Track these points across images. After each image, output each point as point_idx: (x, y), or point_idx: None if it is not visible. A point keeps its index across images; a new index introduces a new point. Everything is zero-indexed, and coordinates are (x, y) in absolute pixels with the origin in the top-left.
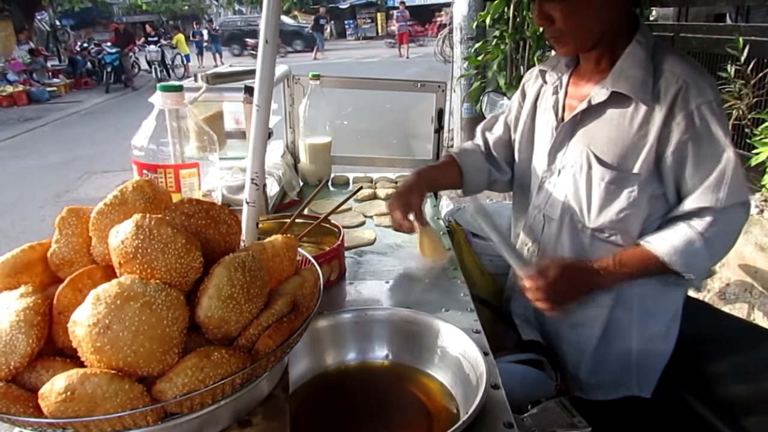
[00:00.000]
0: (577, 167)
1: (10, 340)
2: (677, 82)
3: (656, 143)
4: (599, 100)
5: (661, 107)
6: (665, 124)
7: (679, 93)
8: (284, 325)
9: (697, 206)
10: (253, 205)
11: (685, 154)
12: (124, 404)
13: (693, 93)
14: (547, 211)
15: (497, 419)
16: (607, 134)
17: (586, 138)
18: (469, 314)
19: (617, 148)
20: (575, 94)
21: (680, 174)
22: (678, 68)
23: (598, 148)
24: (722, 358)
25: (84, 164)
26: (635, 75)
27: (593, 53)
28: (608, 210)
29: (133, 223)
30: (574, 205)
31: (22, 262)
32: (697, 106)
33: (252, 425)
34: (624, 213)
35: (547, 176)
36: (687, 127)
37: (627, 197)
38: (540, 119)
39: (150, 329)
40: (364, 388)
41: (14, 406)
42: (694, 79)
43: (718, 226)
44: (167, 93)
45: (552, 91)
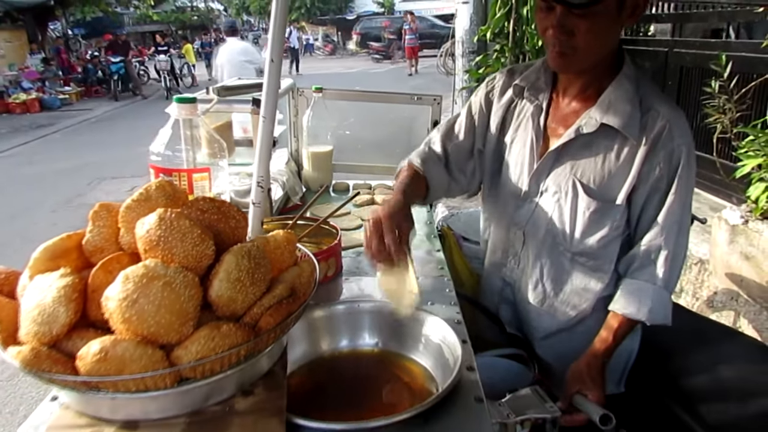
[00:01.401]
0: (562, 193)
1: (52, 311)
2: (662, 120)
3: (636, 177)
4: (588, 131)
5: (645, 144)
6: (647, 160)
7: (663, 131)
8: (283, 307)
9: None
10: (259, 205)
11: (656, 189)
12: (147, 367)
13: (676, 133)
14: (527, 230)
15: (470, 395)
16: (593, 165)
17: (571, 166)
18: (452, 307)
19: (603, 180)
20: (558, 116)
21: (646, 206)
22: (662, 107)
23: (585, 177)
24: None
25: (94, 170)
26: (624, 109)
27: (582, 78)
28: (591, 237)
29: (156, 215)
30: (557, 228)
31: (61, 249)
32: (678, 145)
33: (254, 394)
34: (605, 240)
35: (528, 197)
36: (666, 165)
37: (609, 227)
38: (513, 135)
39: (170, 304)
40: (355, 371)
41: (55, 367)
42: (676, 120)
43: (672, 266)
44: (182, 104)
45: (532, 111)
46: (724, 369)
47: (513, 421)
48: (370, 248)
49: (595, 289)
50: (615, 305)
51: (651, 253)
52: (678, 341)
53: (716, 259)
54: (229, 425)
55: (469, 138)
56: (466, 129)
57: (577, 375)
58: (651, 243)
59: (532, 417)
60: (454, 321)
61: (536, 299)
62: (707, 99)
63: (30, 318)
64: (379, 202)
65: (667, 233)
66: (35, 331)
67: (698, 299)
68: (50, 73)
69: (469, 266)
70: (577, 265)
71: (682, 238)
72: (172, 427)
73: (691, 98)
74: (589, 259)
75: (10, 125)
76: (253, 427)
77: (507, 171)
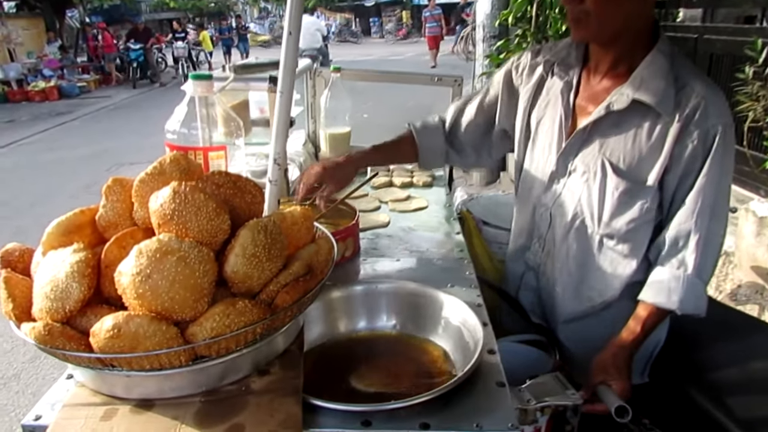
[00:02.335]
0: (591, 173)
1: (65, 287)
2: (697, 98)
3: (669, 157)
4: (619, 108)
5: (679, 121)
6: (680, 139)
7: (698, 109)
8: (300, 285)
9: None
10: (275, 183)
11: (690, 171)
12: (161, 344)
13: (712, 111)
14: (554, 211)
15: (491, 379)
16: (623, 143)
17: (600, 144)
18: (472, 290)
19: (633, 159)
20: (588, 94)
21: (678, 188)
22: (698, 84)
23: (614, 156)
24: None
25: (113, 157)
26: (657, 85)
27: (611, 52)
28: (619, 219)
29: (170, 189)
30: (585, 210)
31: (74, 224)
32: (713, 125)
33: (270, 374)
34: (634, 224)
35: (556, 177)
36: (700, 145)
37: (639, 208)
38: (542, 113)
39: (184, 279)
40: (372, 352)
41: (69, 343)
42: (713, 98)
43: (705, 253)
44: (198, 81)
45: (562, 88)
46: (755, 362)
47: (533, 407)
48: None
49: (622, 275)
50: (644, 294)
51: (681, 238)
52: (705, 332)
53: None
54: (245, 405)
55: (483, 114)
56: (481, 105)
57: (602, 365)
58: (681, 227)
59: (552, 404)
60: (475, 304)
61: (561, 283)
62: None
63: (43, 294)
64: (397, 184)
65: (698, 217)
66: (48, 308)
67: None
68: (68, 60)
69: (489, 251)
70: (605, 249)
71: (716, 223)
72: (187, 406)
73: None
74: (617, 243)
75: (30, 113)
76: (269, 406)
77: (534, 150)
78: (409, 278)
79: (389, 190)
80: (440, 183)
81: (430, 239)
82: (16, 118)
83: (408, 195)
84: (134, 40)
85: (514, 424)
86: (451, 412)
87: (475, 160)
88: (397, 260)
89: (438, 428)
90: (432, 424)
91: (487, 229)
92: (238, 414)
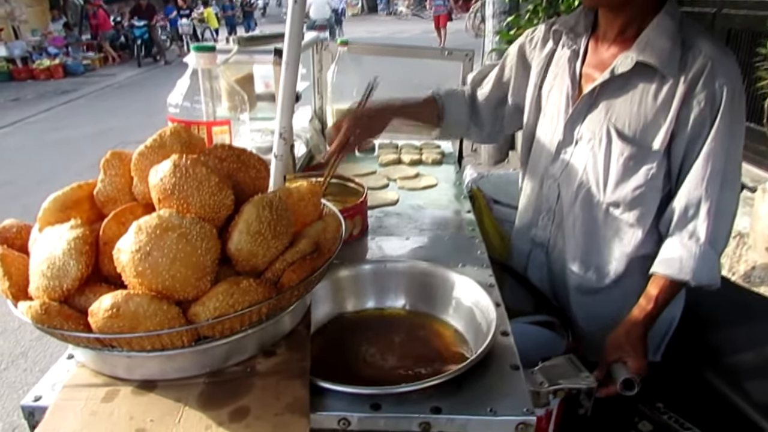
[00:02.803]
0: (596, 140)
1: (62, 265)
2: (704, 58)
3: (675, 120)
4: (623, 70)
5: (684, 82)
6: (686, 101)
7: (704, 70)
8: (307, 263)
9: (694, 198)
10: (281, 159)
11: (698, 135)
12: (163, 324)
13: (719, 72)
14: (561, 181)
15: (504, 362)
16: (629, 108)
17: (606, 110)
18: (484, 270)
19: (639, 124)
20: (594, 61)
21: (687, 154)
22: (706, 45)
23: (619, 121)
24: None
25: (118, 135)
26: (663, 46)
27: (620, 18)
28: (625, 185)
29: (171, 162)
30: (591, 178)
31: (71, 199)
32: (720, 86)
33: (276, 355)
34: (640, 190)
35: (563, 146)
36: (707, 108)
37: (645, 174)
38: (551, 85)
39: (186, 257)
40: (382, 333)
41: (67, 323)
42: (721, 58)
43: (717, 222)
44: (201, 53)
45: (569, 56)
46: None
47: (546, 390)
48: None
49: (629, 245)
50: (656, 267)
51: (691, 207)
52: (721, 314)
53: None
54: (251, 387)
55: (498, 89)
56: (497, 80)
57: (616, 343)
58: (690, 195)
59: (566, 387)
60: (487, 284)
61: (569, 256)
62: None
63: (39, 272)
64: (405, 161)
65: (708, 184)
66: (45, 286)
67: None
68: (72, 38)
69: (500, 230)
70: (612, 218)
71: (727, 191)
72: (191, 388)
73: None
74: (623, 211)
75: (35, 91)
76: (275, 388)
77: (543, 122)
78: (419, 257)
79: (398, 167)
80: (450, 161)
81: (440, 218)
82: (21, 97)
83: (417, 172)
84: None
85: (530, 408)
86: (464, 395)
87: (488, 134)
88: (407, 239)
89: (450, 412)
90: (444, 408)
91: (497, 208)
92: (243, 396)
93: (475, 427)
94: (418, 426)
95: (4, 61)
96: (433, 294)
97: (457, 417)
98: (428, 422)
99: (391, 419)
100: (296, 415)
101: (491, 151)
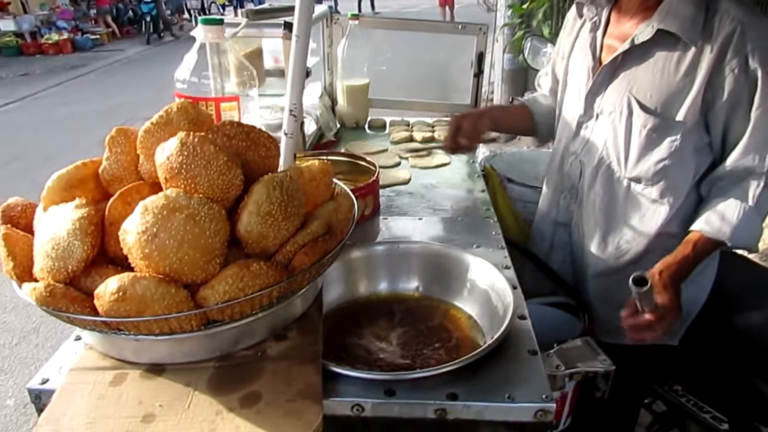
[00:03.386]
0: (617, 113)
1: (67, 246)
2: (732, 22)
3: (704, 89)
4: (643, 40)
5: (712, 49)
6: (717, 68)
7: (734, 34)
8: (319, 245)
9: (743, 165)
10: (291, 136)
11: (738, 102)
12: (171, 307)
13: (750, 35)
14: (583, 158)
15: (522, 347)
16: (650, 78)
17: (627, 81)
18: (499, 251)
19: (661, 94)
20: (616, 32)
21: (730, 123)
22: (734, 8)
23: (641, 92)
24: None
25: (127, 111)
26: (685, 12)
27: None
28: (647, 159)
29: (177, 140)
30: (611, 153)
31: (76, 178)
32: (752, 48)
33: (287, 339)
34: (663, 163)
35: (583, 121)
36: (742, 72)
37: (669, 146)
38: (574, 59)
39: (194, 239)
40: (394, 316)
41: (72, 305)
42: (751, 20)
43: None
44: (208, 26)
45: (590, 28)
46: None
47: (562, 374)
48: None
49: (651, 222)
50: (695, 225)
51: (739, 173)
52: (744, 296)
53: None
54: (262, 371)
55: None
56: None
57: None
58: (737, 163)
59: (582, 370)
60: (503, 266)
61: (588, 235)
62: None
63: (44, 253)
64: (417, 139)
65: (757, 152)
66: (50, 267)
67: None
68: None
69: (514, 209)
70: (633, 194)
71: None
72: (201, 372)
73: None
74: (645, 186)
75: (43, 66)
76: (287, 373)
77: (566, 98)
78: (432, 238)
79: (409, 145)
80: None
81: (454, 197)
82: (30, 72)
83: (429, 150)
84: None
85: (548, 395)
86: (480, 381)
87: None
88: (419, 219)
89: (466, 399)
90: (460, 394)
91: (511, 187)
92: (253, 381)
93: (492, 414)
94: (433, 412)
95: (13, 36)
96: (447, 276)
97: (474, 404)
98: (444, 409)
99: (406, 405)
100: (308, 402)
101: None
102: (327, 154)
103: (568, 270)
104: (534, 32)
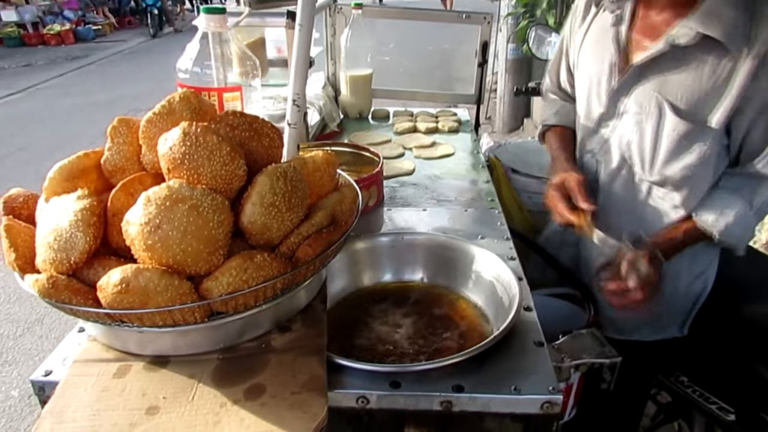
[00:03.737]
0: (645, 114)
1: (69, 237)
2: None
3: (740, 96)
4: (683, 43)
5: (752, 55)
6: (756, 75)
7: None
8: (323, 237)
9: (758, 171)
10: (295, 126)
11: (764, 110)
12: (174, 299)
13: None
14: (600, 157)
15: (528, 338)
16: (683, 80)
17: (658, 82)
18: (504, 242)
19: (693, 98)
20: (644, 27)
21: (752, 127)
22: None
23: (672, 95)
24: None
25: (129, 102)
26: (728, 15)
27: None
28: (674, 164)
29: (180, 130)
30: (634, 155)
31: (78, 168)
32: None
33: (291, 331)
34: (689, 171)
35: (604, 119)
36: None
37: (698, 153)
38: (592, 52)
39: (197, 230)
40: (399, 308)
41: (75, 297)
42: None
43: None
44: (210, 15)
45: (612, 21)
46: None
47: (568, 365)
48: (559, 211)
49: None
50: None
51: (751, 177)
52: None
53: None
54: (266, 363)
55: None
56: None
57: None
58: (752, 169)
59: (588, 361)
60: (507, 257)
61: None
62: None
63: (46, 244)
64: (421, 129)
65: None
66: (52, 259)
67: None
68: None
69: (519, 200)
70: (653, 198)
71: None
72: (205, 364)
73: None
74: (669, 191)
75: (46, 57)
76: (291, 365)
77: (584, 92)
78: (437, 229)
79: (413, 135)
80: (466, 129)
81: (458, 188)
82: (32, 62)
83: (433, 141)
84: None
85: (555, 387)
86: (487, 373)
87: None
88: (424, 210)
89: (472, 391)
90: (466, 386)
91: (516, 177)
92: (258, 373)
93: (498, 406)
94: (439, 404)
95: (15, 26)
96: (452, 268)
97: (480, 396)
98: (450, 401)
99: (411, 397)
100: (313, 394)
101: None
102: (330, 145)
103: (576, 267)
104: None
